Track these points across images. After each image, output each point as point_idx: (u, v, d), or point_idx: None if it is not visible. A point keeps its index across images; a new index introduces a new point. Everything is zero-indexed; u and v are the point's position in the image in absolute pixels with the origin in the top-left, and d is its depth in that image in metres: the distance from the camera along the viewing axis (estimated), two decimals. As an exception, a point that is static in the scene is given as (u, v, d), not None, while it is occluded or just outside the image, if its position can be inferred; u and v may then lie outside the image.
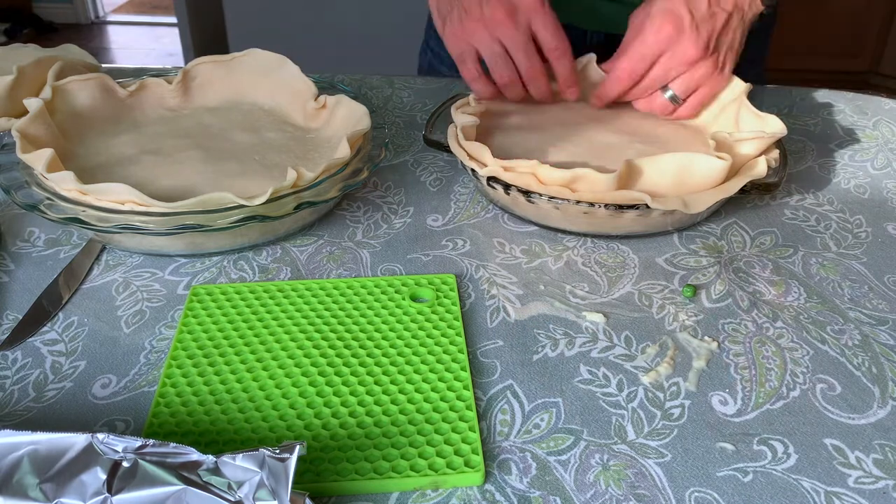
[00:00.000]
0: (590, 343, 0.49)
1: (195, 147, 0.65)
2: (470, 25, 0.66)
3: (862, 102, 0.85)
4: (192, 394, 0.44)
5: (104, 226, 0.53)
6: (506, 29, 0.65)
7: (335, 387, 0.44)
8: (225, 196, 0.53)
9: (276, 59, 0.74)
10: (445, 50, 0.70)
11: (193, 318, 0.50)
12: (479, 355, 0.48)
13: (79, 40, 3.60)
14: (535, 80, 0.68)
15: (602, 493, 0.39)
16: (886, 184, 0.69)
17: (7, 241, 0.59)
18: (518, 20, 0.65)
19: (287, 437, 0.41)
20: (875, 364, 0.48)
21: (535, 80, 0.68)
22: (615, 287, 0.55)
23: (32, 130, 0.60)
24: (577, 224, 0.59)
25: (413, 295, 0.52)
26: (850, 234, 0.62)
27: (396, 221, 0.63)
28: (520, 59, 0.67)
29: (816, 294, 0.54)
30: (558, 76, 0.70)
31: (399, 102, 0.84)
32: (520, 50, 0.66)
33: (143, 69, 0.80)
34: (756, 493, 0.39)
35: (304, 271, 0.56)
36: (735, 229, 0.62)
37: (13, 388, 0.45)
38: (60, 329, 0.50)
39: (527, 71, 0.67)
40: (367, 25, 2.27)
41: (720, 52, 0.64)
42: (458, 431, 0.41)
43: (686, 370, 0.47)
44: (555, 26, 0.66)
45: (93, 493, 0.33)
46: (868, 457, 0.41)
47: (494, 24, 0.65)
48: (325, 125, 0.69)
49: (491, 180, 0.59)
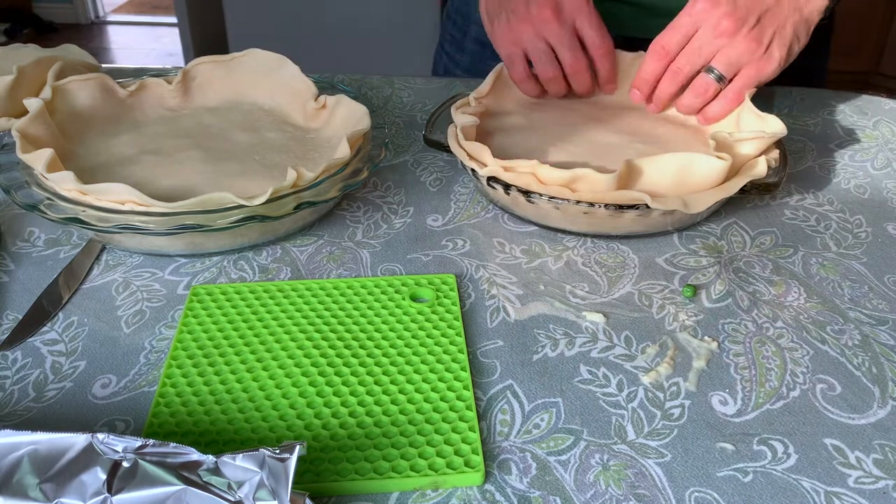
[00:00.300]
0: (590, 343, 0.49)
1: (195, 147, 0.65)
2: (517, 26, 0.68)
3: (862, 102, 0.85)
4: (192, 394, 0.44)
5: (104, 226, 0.53)
6: (552, 26, 0.67)
7: (335, 387, 0.44)
8: (225, 196, 0.53)
9: (275, 59, 0.74)
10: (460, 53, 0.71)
11: (193, 318, 0.50)
12: (479, 355, 0.48)
13: (79, 40, 3.60)
14: (578, 74, 0.70)
15: (602, 493, 0.39)
16: (886, 184, 0.69)
17: (7, 241, 0.59)
18: (563, 19, 0.67)
19: (287, 437, 0.41)
20: (875, 364, 0.48)
21: (578, 75, 0.70)
22: (615, 287, 0.55)
23: (32, 130, 0.60)
24: (577, 224, 0.59)
25: (413, 295, 0.52)
26: (850, 234, 0.62)
27: (396, 221, 0.63)
28: (564, 55, 0.69)
29: (816, 294, 0.54)
30: (600, 73, 0.72)
31: (399, 102, 0.84)
32: (564, 46, 0.68)
33: (143, 69, 0.80)
34: (756, 493, 0.39)
35: (304, 271, 0.56)
36: (735, 229, 0.62)
37: (13, 388, 0.45)
38: (60, 329, 0.50)
39: (570, 66, 0.69)
40: (367, 25, 2.27)
41: (764, 32, 0.63)
42: (458, 431, 0.41)
43: (686, 370, 0.47)
44: (599, 24, 0.68)
45: (93, 493, 0.33)
46: (868, 457, 0.41)
47: (541, 23, 0.67)
48: (325, 125, 0.69)
49: (491, 180, 0.59)
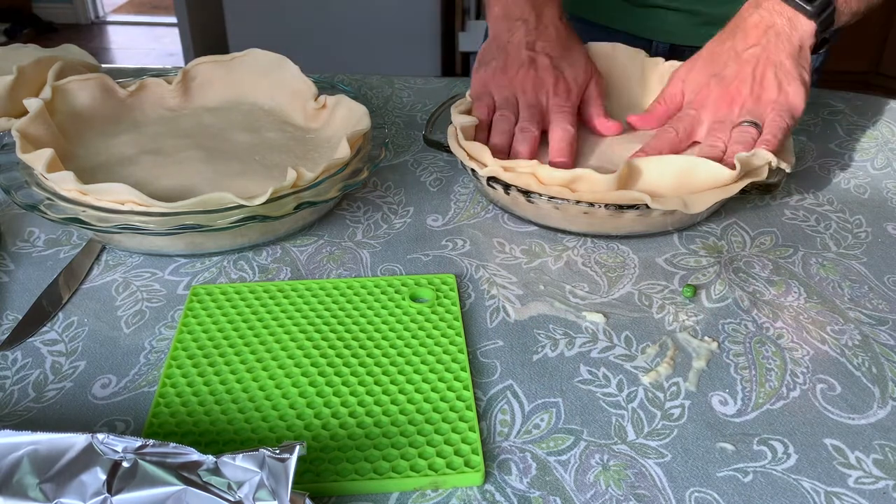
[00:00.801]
0: (590, 343, 0.49)
1: (195, 147, 0.65)
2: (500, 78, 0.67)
3: (862, 102, 0.85)
4: (192, 394, 0.44)
5: (104, 226, 0.53)
6: (528, 95, 0.66)
7: (335, 387, 0.44)
8: (225, 196, 0.53)
9: (275, 59, 0.74)
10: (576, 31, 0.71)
11: (193, 318, 0.50)
12: (479, 355, 0.48)
13: (79, 40, 3.60)
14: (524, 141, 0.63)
15: (602, 493, 0.39)
16: (886, 184, 0.69)
17: (7, 241, 0.59)
18: (540, 99, 0.66)
19: (287, 437, 0.41)
20: (875, 364, 0.48)
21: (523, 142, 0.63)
22: (615, 287, 0.55)
23: (32, 130, 0.60)
24: (577, 224, 0.59)
25: (413, 295, 0.52)
26: (850, 234, 0.62)
27: (396, 221, 0.63)
28: (524, 115, 0.65)
29: (816, 294, 0.54)
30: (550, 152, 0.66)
31: (399, 102, 0.84)
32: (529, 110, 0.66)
33: (143, 69, 0.80)
34: (756, 493, 0.39)
35: (304, 271, 0.56)
36: (735, 229, 0.62)
37: (13, 388, 0.45)
38: (60, 329, 0.50)
39: (522, 127, 0.64)
40: (367, 25, 2.27)
41: (766, 78, 0.62)
42: (458, 431, 0.41)
43: (686, 370, 0.47)
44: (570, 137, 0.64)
45: (93, 493, 0.33)
46: (868, 457, 0.41)
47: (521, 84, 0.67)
48: (325, 125, 0.69)
49: (491, 180, 0.59)
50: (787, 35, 0.62)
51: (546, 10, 0.70)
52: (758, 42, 0.63)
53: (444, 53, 2.36)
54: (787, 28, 0.62)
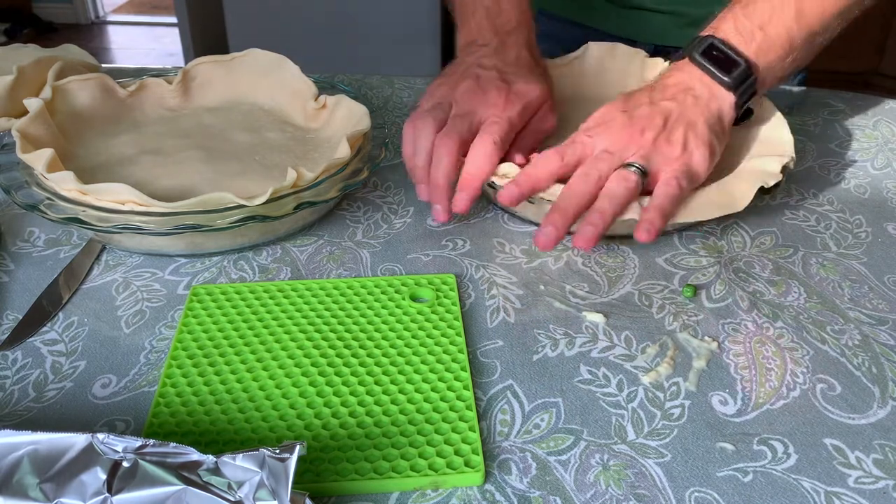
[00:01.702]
0: (590, 343, 0.49)
1: (195, 147, 0.65)
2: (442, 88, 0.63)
3: (862, 102, 0.85)
4: (192, 394, 0.44)
5: (104, 226, 0.53)
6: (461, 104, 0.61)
7: (335, 387, 0.44)
8: (225, 196, 0.53)
9: (275, 59, 0.74)
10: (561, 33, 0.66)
11: (193, 318, 0.50)
12: (479, 355, 0.48)
13: (79, 40, 3.60)
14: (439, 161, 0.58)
15: (602, 493, 0.39)
16: (886, 184, 0.69)
17: (7, 241, 0.59)
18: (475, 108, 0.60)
19: (287, 437, 0.41)
20: (875, 364, 0.48)
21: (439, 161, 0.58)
22: (615, 287, 0.55)
23: (32, 130, 0.60)
24: (576, 224, 0.59)
25: (413, 295, 0.52)
26: (850, 234, 0.62)
27: (396, 221, 0.63)
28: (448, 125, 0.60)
29: (816, 294, 0.54)
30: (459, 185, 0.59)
31: (399, 102, 0.84)
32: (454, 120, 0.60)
33: (143, 69, 0.80)
34: (756, 493, 0.39)
35: (304, 271, 0.56)
36: (735, 229, 0.62)
37: (13, 388, 0.45)
38: (60, 329, 0.50)
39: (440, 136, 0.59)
40: (367, 25, 2.27)
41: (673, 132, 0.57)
42: (458, 431, 0.41)
43: (686, 370, 0.47)
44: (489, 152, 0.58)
45: (93, 493, 0.33)
46: (868, 457, 0.41)
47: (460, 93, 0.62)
48: (325, 125, 0.69)
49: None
50: (705, 101, 0.58)
51: (511, 38, 0.66)
52: (674, 98, 0.59)
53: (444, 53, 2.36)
54: (706, 95, 0.59)
